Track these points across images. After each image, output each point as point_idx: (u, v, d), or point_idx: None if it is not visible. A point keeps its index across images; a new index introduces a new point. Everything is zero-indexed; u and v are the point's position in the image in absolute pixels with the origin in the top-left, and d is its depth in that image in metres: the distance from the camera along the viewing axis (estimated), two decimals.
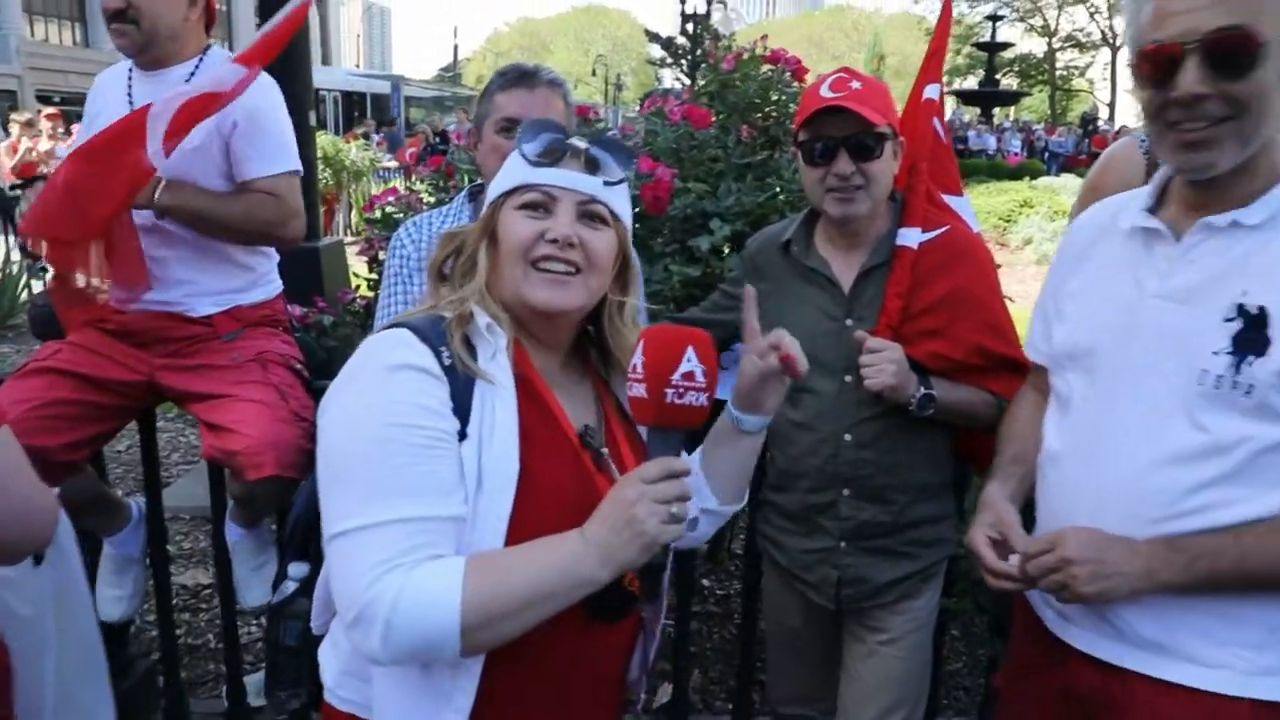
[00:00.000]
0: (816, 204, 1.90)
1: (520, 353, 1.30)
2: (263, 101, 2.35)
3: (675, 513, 1.12)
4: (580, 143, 1.31)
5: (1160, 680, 1.36)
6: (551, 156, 1.30)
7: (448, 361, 1.21)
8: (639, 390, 1.17)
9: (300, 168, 2.45)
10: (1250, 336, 1.27)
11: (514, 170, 1.32)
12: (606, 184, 1.31)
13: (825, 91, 1.81)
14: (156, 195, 2.24)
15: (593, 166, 1.31)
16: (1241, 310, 1.28)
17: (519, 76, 2.09)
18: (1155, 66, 1.28)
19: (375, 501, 1.14)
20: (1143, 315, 1.38)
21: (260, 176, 2.35)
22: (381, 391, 1.18)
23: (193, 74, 2.35)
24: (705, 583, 3.74)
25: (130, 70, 2.40)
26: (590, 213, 1.30)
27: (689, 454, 1.51)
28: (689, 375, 1.15)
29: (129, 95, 2.37)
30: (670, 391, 1.15)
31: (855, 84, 1.82)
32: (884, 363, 1.79)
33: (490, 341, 1.27)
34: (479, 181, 2.30)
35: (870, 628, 1.98)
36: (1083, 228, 1.59)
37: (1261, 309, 1.27)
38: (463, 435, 1.20)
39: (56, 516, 1.34)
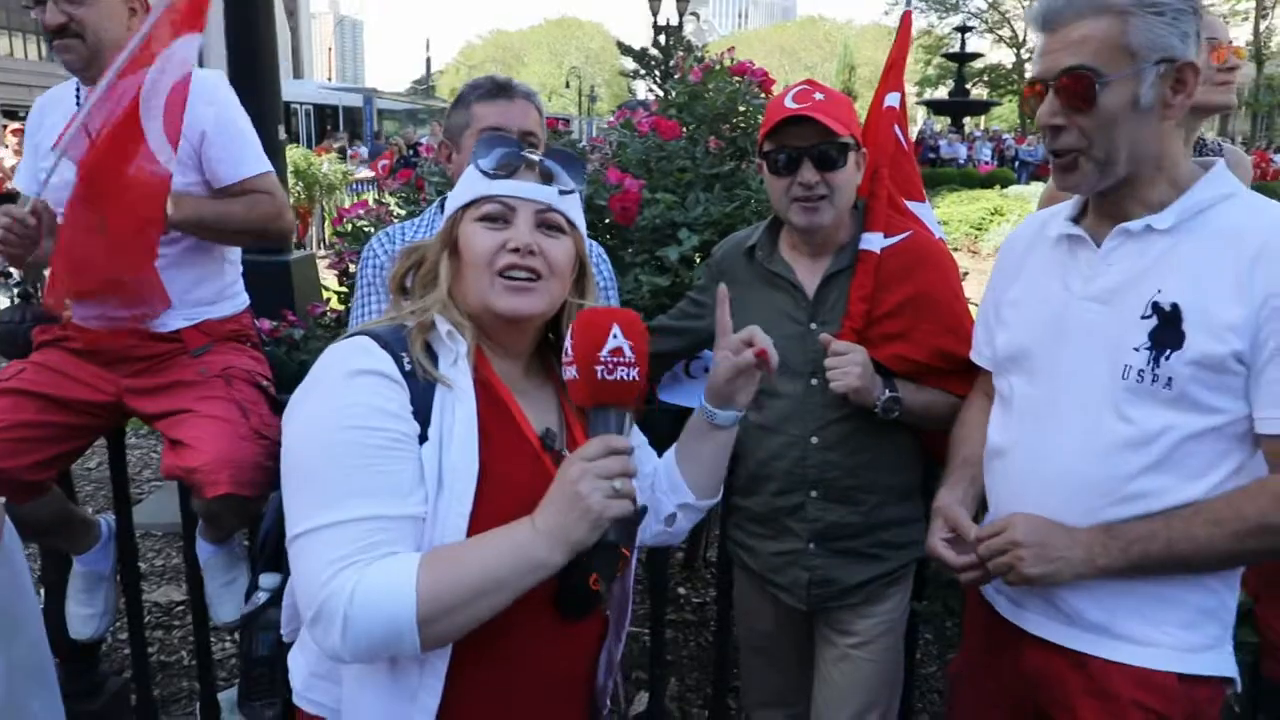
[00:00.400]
0: (781, 214, 1.93)
1: (481, 359, 1.34)
2: (227, 108, 2.36)
3: (619, 488, 1.16)
4: (534, 155, 1.36)
5: (1103, 659, 1.47)
6: (507, 169, 1.34)
7: (408, 367, 1.25)
8: (571, 372, 1.21)
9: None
10: (1166, 332, 1.37)
11: (471, 183, 1.35)
12: (561, 193, 1.35)
13: (789, 102, 1.84)
14: (169, 212, 2.22)
15: (547, 177, 1.35)
16: (1156, 308, 1.38)
17: (497, 88, 2.12)
18: (1031, 100, 1.46)
19: (333, 502, 1.17)
20: (1070, 317, 1.49)
21: (249, 177, 2.36)
22: (341, 395, 1.21)
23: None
24: (681, 591, 3.76)
25: (78, 89, 2.37)
26: (547, 221, 1.34)
27: (659, 456, 1.55)
28: (617, 351, 1.19)
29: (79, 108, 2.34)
30: (600, 368, 1.19)
31: (818, 95, 1.85)
32: (849, 365, 1.82)
33: (451, 348, 1.30)
34: (449, 193, 2.31)
35: (840, 631, 2.00)
36: (1017, 239, 1.71)
37: (1174, 305, 1.37)
38: (424, 438, 1.23)
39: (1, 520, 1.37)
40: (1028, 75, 1.49)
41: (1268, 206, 1.44)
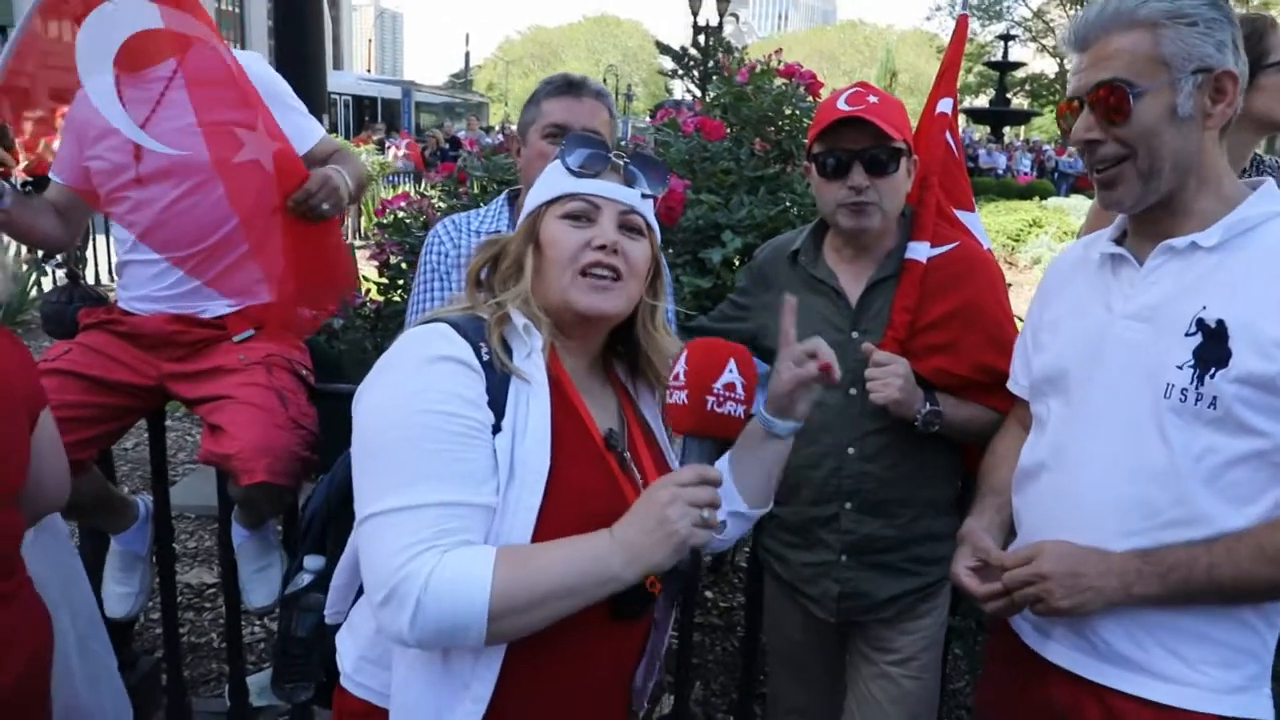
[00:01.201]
0: (828, 217, 1.90)
1: (553, 355, 1.34)
2: (277, 78, 2.41)
3: (706, 518, 1.15)
4: (619, 158, 1.38)
5: (1134, 696, 1.42)
6: (593, 169, 1.35)
7: (485, 357, 1.26)
8: (679, 397, 1.21)
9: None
10: (1211, 349, 1.33)
11: (556, 180, 1.37)
12: (643, 197, 1.37)
13: (842, 104, 1.82)
14: (349, 182, 2.36)
15: (630, 180, 1.37)
16: (1201, 324, 1.35)
17: (566, 85, 2.14)
18: (1068, 118, 1.46)
19: (410, 485, 1.17)
20: (1111, 336, 1.46)
21: (319, 141, 2.46)
22: (421, 380, 1.22)
23: (175, 71, 2.32)
24: (708, 595, 3.74)
25: (115, 77, 2.35)
26: (629, 223, 1.36)
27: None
28: (730, 386, 1.19)
29: (120, 102, 2.32)
30: (711, 400, 1.19)
31: (872, 98, 1.82)
32: (890, 376, 1.79)
33: (526, 342, 1.31)
34: (517, 186, 2.33)
35: (879, 648, 1.97)
36: (1060, 263, 1.69)
37: (1220, 321, 1.33)
38: (497, 428, 1.23)
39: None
40: (1067, 96, 1.47)
41: None
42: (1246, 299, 1.33)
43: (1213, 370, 1.33)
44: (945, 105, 2.10)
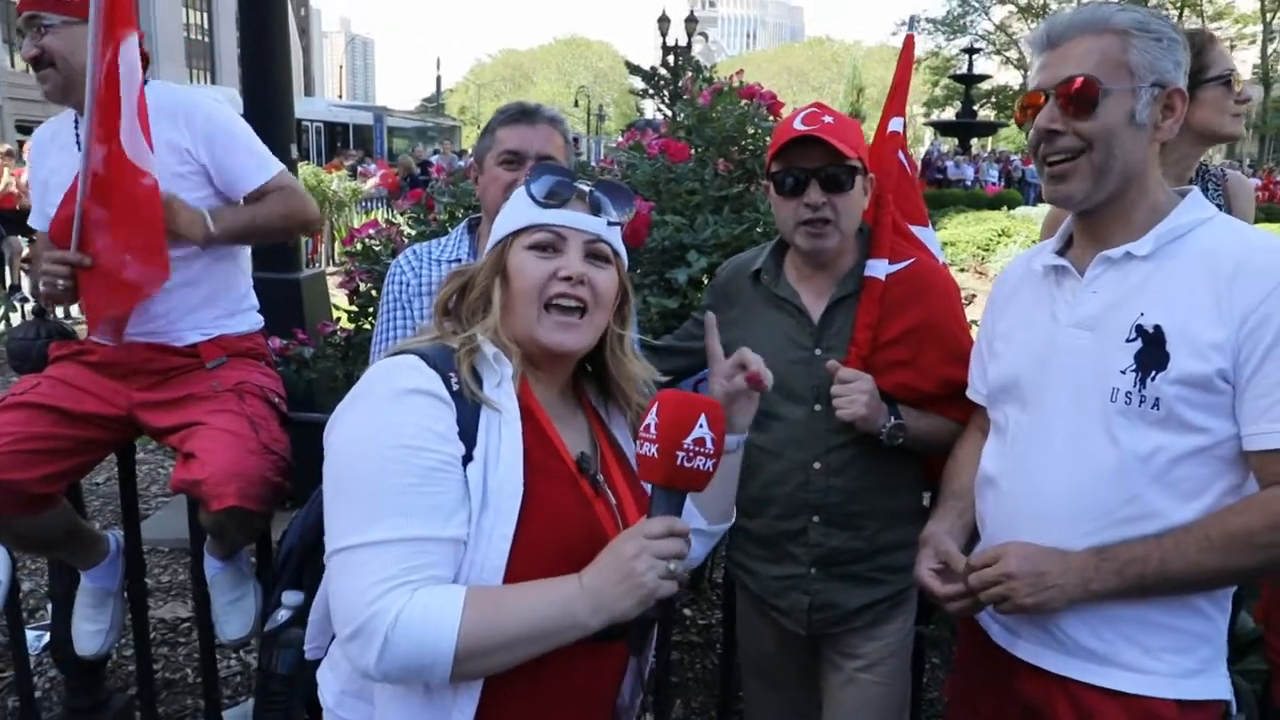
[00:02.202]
0: (787, 236, 1.94)
1: (523, 381, 1.36)
2: (225, 118, 2.40)
3: (673, 569, 1.17)
4: (585, 185, 1.39)
5: (1099, 687, 1.47)
6: (558, 198, 1.36)
7: (455, 387, 1.27)
8: (650, 449, 1.21)
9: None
10: (1150, 353, 1.40)
11: (521, 211, 1.37)
12: (609, 224, 1.39)
13: (798, 124, 1.85)
14: (211, 229, 2.31)
15: (595, 208, 1.38)
16: (1140, 330, 1.41)
17: (520, 113, 2.17)
18: (1029, 110, 1.51)
19: (380, 520, 1.18)
20: (1058, 344, 1.52)
21: (269, 179, 2.43)
22: (391, 413, 1.23)
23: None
24: (687, 612, 3.74)
25: (75, 119, 2.40)
26: (595, 251, 1.37)
27: None
28: (700, 441, 1.20)
29: (78, 145, 2.32)
30: (681, 454, 1.19)
31: (827, 118, 1.85)
32: (856, 393, 1.82)
33: (496, 370, 1.32)
34: (477, 214, 2.35)
35: (846, 654, 2.00)
36: (1007, 275, 1.74)
37: (1157, 327, 1.40)
38: (469, 458, 1.24)
39: None
40: (1028, 88, 1.52)
41: (1242, 228, 1.48)
42: (1180, 304, 1.40)
43: (1153, 373, 1.39)
44: (896, 124, 2.15)
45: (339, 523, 1.21)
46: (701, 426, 1.20)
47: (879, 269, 1.93)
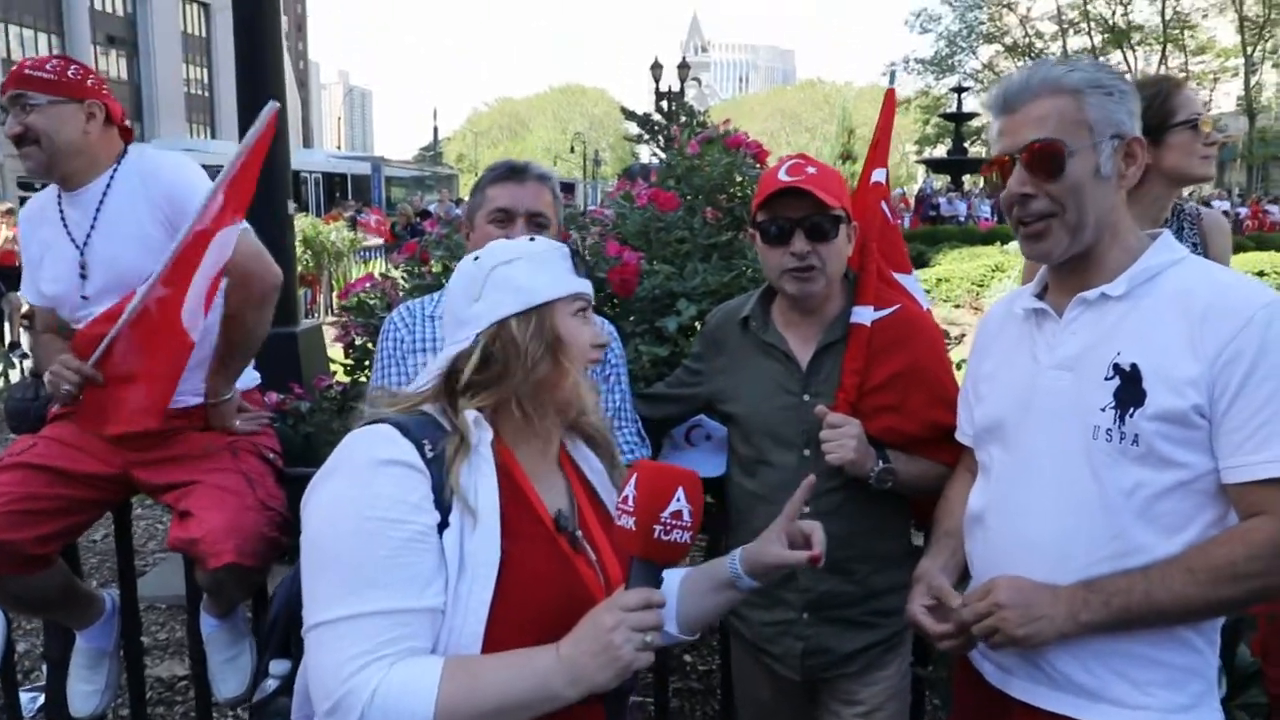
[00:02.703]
0: (774, 283, 1.98)
1: (499, 443, 1.36)
2: (182, 187, 2.38)
3: (649, 641, 1.18)
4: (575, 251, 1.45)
5: None
6: (580, 265, 1.43)
7: (430, 455, 1.27)
8: (628, 522, 1.22)
9: (243, 221, 2.44)
10: (1128, 391, 1.43)
11: (563, 277, 1.40)
12: None
13: (783, 175, 1.90)
14: (233, 396, 2.46)
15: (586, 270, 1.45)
16: (1117, 369, 1.45)
17: (509, 171, 2.21)
18: (997, 173, 1.54)
19: (356, 593, 1.19)
20: (1040, 385, 1.55)
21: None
22: (365, 485, 1.23)
23: (109, 183, 2.38)
24: (686, 658, 3.72)
25: (59, 195, 2.44)
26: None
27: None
28: (677, 514, 1.21)
29: (63, 221, 2.41)
30: (658, 528, 1.20)
31: (811, 169, 1.90)
32: (844, 438, 1.84)
33: (475, 434, 1.32)
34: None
35: (845, 701, 1.99)
36: (989, 319, 1.78)
37: (1134, 365, 1.44)
38: (445, 525, 1.25)
39: None
40: (993, 153, 1.56)
41: (1212, 269, 1.52)
42: (1154, 343, 1.44)
43: (1131, 410, 1.42)
44: (879, 175, 2.21)
45: (316, 597, 1.22)
46: (679, 500, 1.21)
47: (865, 315, 1.96)
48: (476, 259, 1.41)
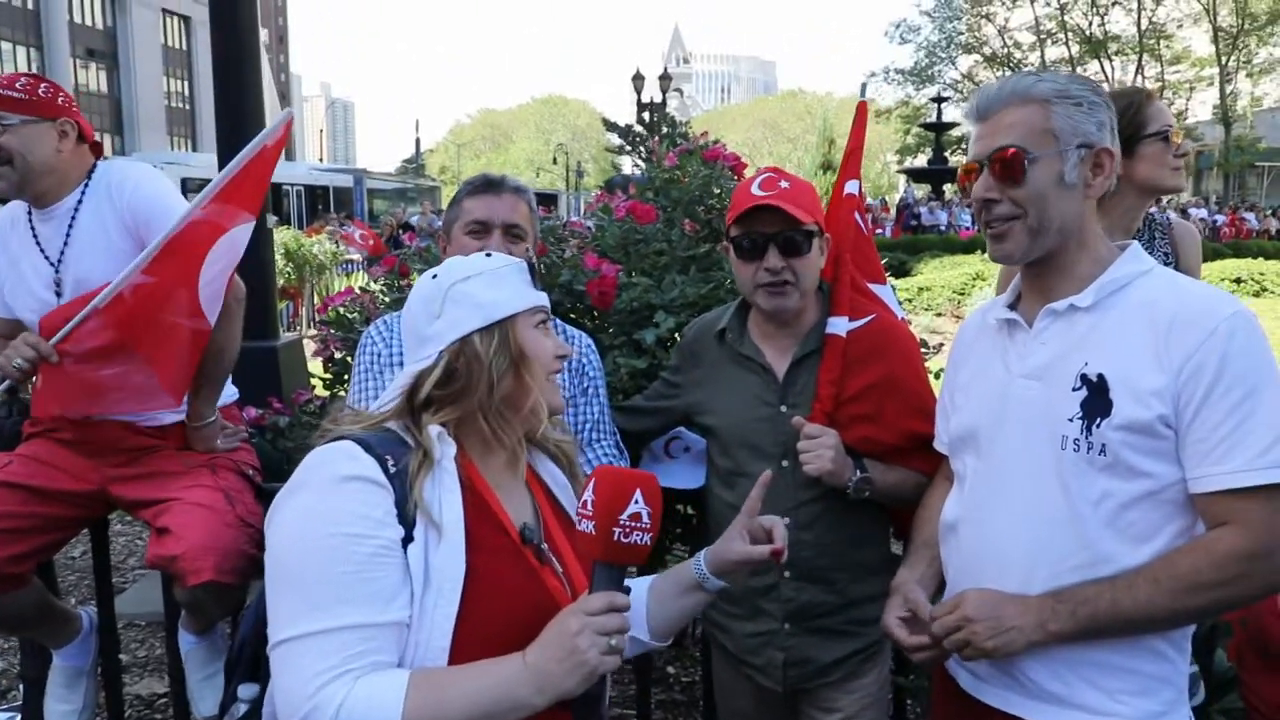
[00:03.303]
0: (749, 297, 1.99)
1: (463, 457, 1.37)
2: (156, 198, 2.39)
3: (615, 645, 1.19)
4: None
5: None
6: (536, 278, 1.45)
7: (393, 469, 1.28)
8: (588, 526, 1.24)
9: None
10: (1095, 401, 1.45)
11: (522, 291, 1.41)
12: None
13: (756, 190, 1.91)
14: (216, 418, 2.48)
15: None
16: (1085, 379, 1.47)
17: (485, 184, 2.22)
18: (967, 179, 1.59)
19: (320, 609, 1.19)
20: (1011, 395, 1.57)
21: None
22: (327, 501, 1.24)
23: (80, 200, 2.38)
24: (669, 670, 3.72)
25: (29, 211, 2.42)
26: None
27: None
28: (635, 516, 1.23)
29: (34, 237, 2.39)
30: (618, 530, 1.22)
31: (784, 183, 1.92)
32: (821, 448, 1.85)
33: (438, 448, 1.33)
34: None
35: (824, 709, 2.00)
36: (965, 329, 1.81)
37: (1100, 375, 1.46)
38: (409, 539, 1.25)
39: None
40: (967, 159, 1.60)
41: (1178, 280, 1.54)
42: (1121, 353, 1.46)
43: (1098, 420, 1.44)
44: (852, 187, 2.23)
45: (280, 614, 1.22)
46: (637, 502, 1.23)
47: (840, 326, 1.98)
48: (435, 277, 1.42)
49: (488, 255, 1.46)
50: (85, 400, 2.30)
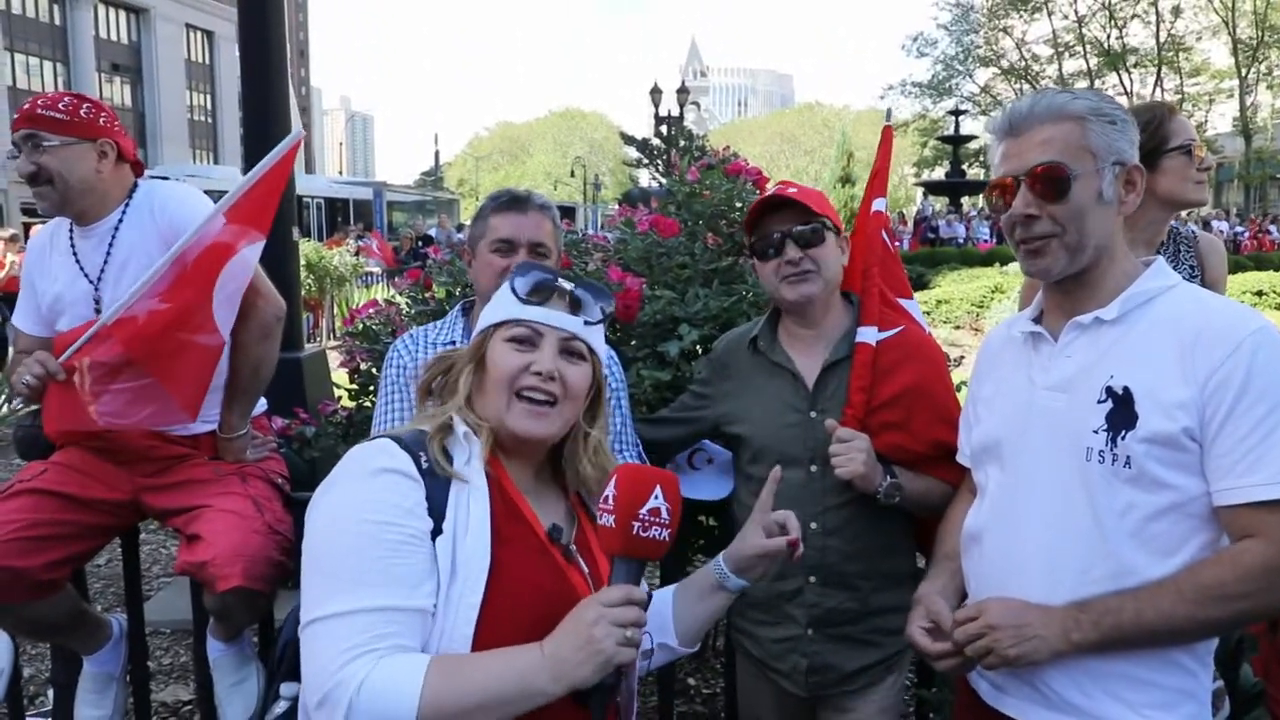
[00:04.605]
0: (774, 294, 2.03)
1: (494, 459, 1.42)
2: (191, 211, 2.42)
3: (630, 636, 1.21)
4: (567, 284, 1.46)
5: None
6: (540, 295, 1.45)
7: (425, 464, 1.34)
8: (608, 520, 1.28)
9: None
10: (1120, 413, 1.46)
11: (505, 305, 1.45)
12: (586, 323, 1.46)
13: (767, 192, 2.00)
14: (236, 427, 2.49)
15: (575, 306, 1.46)
16: (1110, 392, 1.48)
17: (512, 201, 2.24)
18: (1000, 194, 1.57)
19: (348, 591, 1.24)
20: (1036, 407, 1.58)
21: None
22: (361, 491, 1.30)
23: (121, 219, 2.43)
24: (690, 681, 3.72)
25: (71, 228, 2.47)
26: (570, 349, 1.45)
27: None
28: (655, 511, 1.26)
29: (74, 254, 2.44)
30: (637, 525, 1.25)
31: (792, 189, 2.00)
32: (854, 451, 1.88)
33: (466, 447, 1.39)
34: (471, 297, 2.42)
35: (838, 710, 2.04)
36: (989, 342, 1.82)
37: (1126, 388, 1.47)
38: (438, 531, 1.30)
39: None
40: (996, 174, 1.60)
41: (1204, 296, 1.55)
42: (1146, 367, 1.46)
43: (1123, 432, 1.45)
44: (879, 204, 2.29)
45: (311, 595, 1.27)
46: (657, 498, 1.26)
47: (869, 335, 2.01)
48: None
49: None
50: (92, 417, 2.32)
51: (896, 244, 2.37)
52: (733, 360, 2.15)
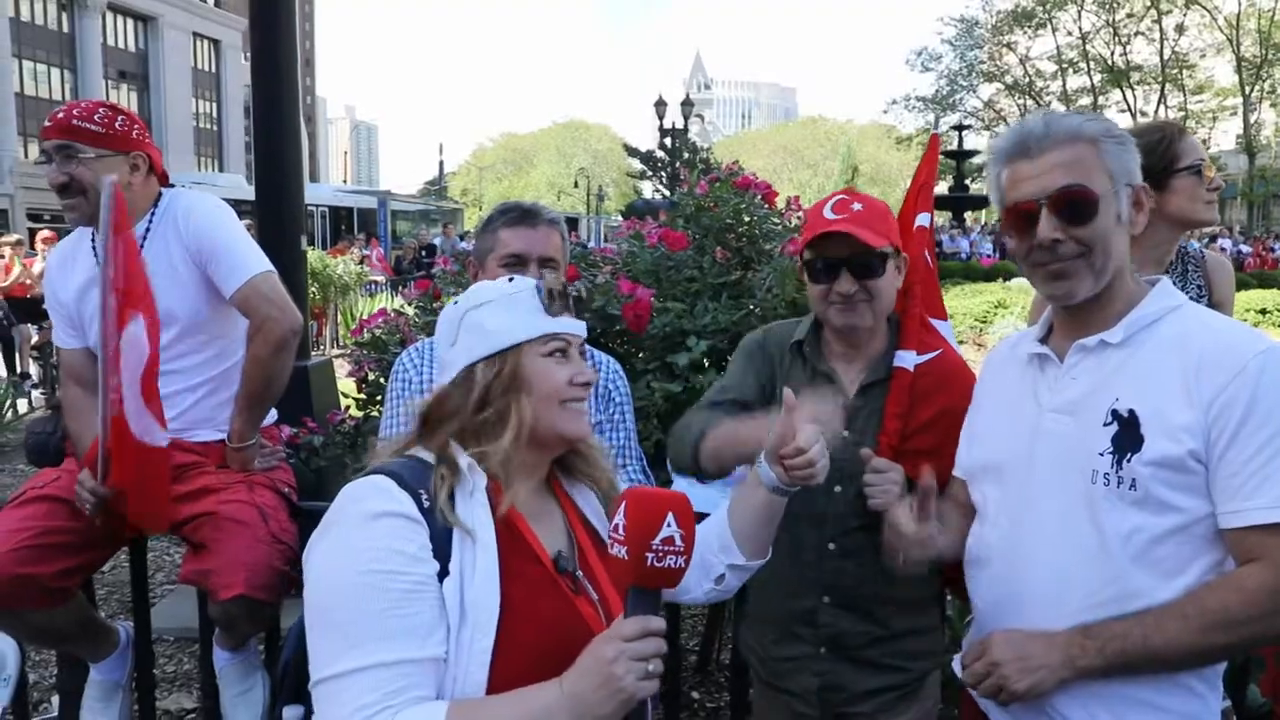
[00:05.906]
0: (820, 315, 1.97)
1: (496, 488, 1.37)
2: (209, 226, 2.45)
3: (651, 670, 1.17)
4: (572, 291, 1.46)
5: None
6: (560, 304, 1.44)
7: (427, 504, 1.29)
8: (620, 551, 1.22)
9: (268, 265, 2.51)
10: (1126, 436, 1.46)
11: (532, 319, 1.41)
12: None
13: (828, 213, 1.88)
14: (244, 433, 2.46)
15: (579, 312, 1.47)
16: (1116, 414, 1.48)
17: (522, 215, 2.22)
18: (1018, 219, 1.54)
19: (358, 647, 1.20)
20: (1041, 429, 1.58)
21: (237, 288, 2.43)
22: (362, 538, 1.25)
23: (147, 230, 2.43)
24: (694, 695, 3.71)
25: (93, 238, 2.45)
26: (583, 351, 1.47)
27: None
28: (669, 540, 1.21)
29: (95, 252, 2.43)
30: (650, 555, 1.20)
31: (856, 205, 1.88)
32: (889, 484, 1.82)
33: (470, 480, 1.35)
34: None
35: None
36: (992, 360, 1.81)
37: (1131, 411, 1.46)
38: (444, 573, 1.26)
39: None
40: (1012, 198, 1.55)
41: (1209, 317, 1.55)
42: (1152, 389, 1.46)
43: (1129, 455, 1.45)
44: (924, 219, 2.20)
45: (319, 652, 1.24)
46: (670, 525, 1.21)
47: (908, 360, 1.95)
48: (456, 303, 1.46)
49: (509, 280, 1.46)
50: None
51: (935, 262, 2.29)
52: (776, 352, 2.07)
